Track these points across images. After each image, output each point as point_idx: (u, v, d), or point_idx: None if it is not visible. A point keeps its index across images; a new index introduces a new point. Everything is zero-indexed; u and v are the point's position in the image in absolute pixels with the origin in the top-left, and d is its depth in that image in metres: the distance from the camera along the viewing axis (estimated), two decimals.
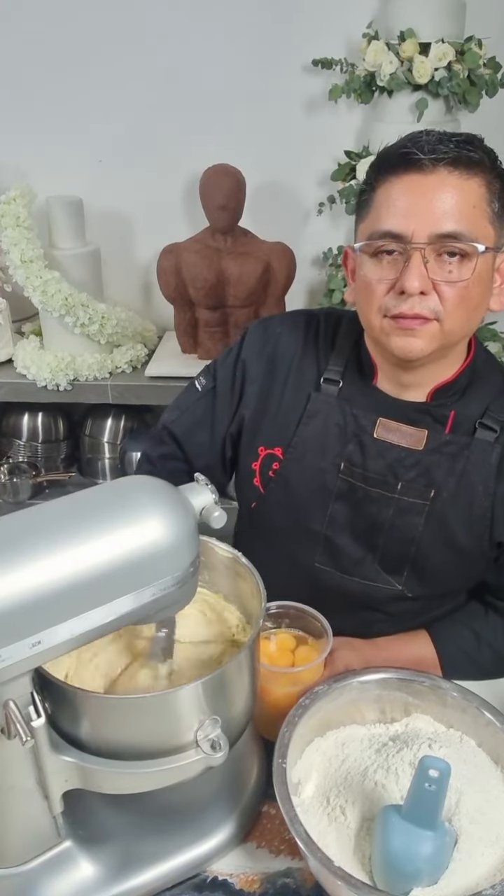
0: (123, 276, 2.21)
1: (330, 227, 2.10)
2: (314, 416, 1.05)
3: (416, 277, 0.87)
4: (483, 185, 0.88)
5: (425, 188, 0.87)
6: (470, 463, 1.00)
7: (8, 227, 1.86)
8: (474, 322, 0.95)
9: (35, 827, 0.72)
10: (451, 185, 0.86)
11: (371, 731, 0.85)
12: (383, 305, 0.92)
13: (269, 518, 1.11)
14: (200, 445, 1.16)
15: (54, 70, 2.01)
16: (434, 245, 0.87)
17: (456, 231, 0.86)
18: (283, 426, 1.07)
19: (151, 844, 0.77)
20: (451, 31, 1.73)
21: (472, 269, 0.88)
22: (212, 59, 1.97)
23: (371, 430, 1.02)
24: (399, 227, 0.87)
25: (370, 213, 0.93)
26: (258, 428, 1.10)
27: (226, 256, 1.87)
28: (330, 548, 1.07)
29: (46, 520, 0.61)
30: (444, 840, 0.69)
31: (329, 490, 1.05)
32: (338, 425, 1.04)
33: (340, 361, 1.06)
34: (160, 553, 0.63)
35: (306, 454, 1.05)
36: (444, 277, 0.88)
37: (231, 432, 1.14)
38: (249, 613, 0.84)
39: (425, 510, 1.01)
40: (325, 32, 1.90)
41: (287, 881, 0.77)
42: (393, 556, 1.04)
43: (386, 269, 0.91)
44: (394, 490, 1.01)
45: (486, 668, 1.04)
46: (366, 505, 1.03)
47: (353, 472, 1.03)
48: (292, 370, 1.08)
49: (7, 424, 2.25)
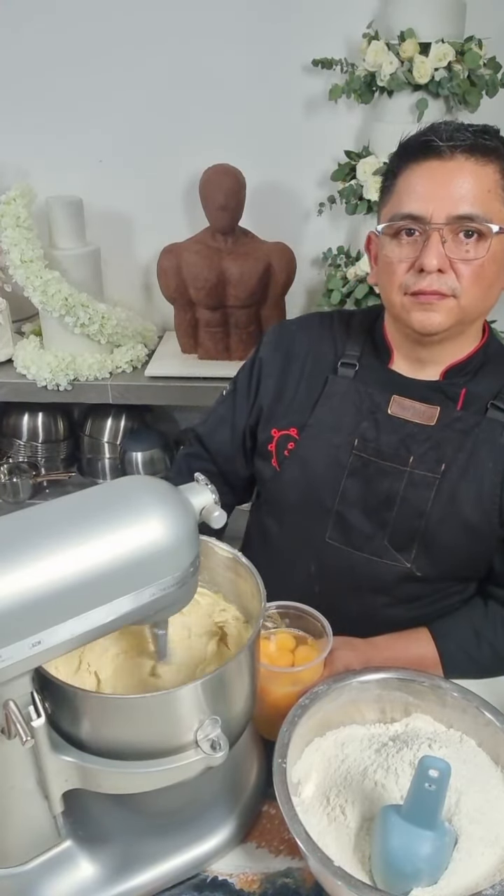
0: (123, 276, 2.21)
1: (330, 227, 2.10)
2: (331, 396, 1.10)
3: (435, 255, 0.93)
4: (498, 171, 0.94)
5: (444, 173, 0.94)
6: (480, 440, 1.04)
7: (8, 227, 1.86)
8: (490, 300, 1.00)
9: (35, 827, 0.72)
10: (468, 170, 0.93)
11: (371, 730, 0.85)
12: (404, 283, 0.98)
13: (283, 495, 1.15)
14: (222, 442, 1.23)
15: (55, 70, 2.01)
16: (451, 226, 0.93)
17: (472, 213, 0.93)
18: (300, 409, 1.12)
19: (151, 844, 0.77)
20: (451, 31, 1.73)
21: (487, 249, 0.94)
22: (212, 59, 1.97)
23: (385, 406, 1.07)
24: (419, 210, 0.94)
25: (392, 197, 0.99)
26: (274, 413, 1.15)
27: (226, 256, 1.87)
28: (341, 523, 1.09)
29: (46, 520, 0.61)
30: (444, 840, 0.69)
31: (342, 466, 1.08)
32: (353, 404, 1.09)
33: (356, 347, 1.13)
34: (160, 553, 0.63)
35: (322, 432, 1.10)
36: (461, 256, 0.94)
37: (250, 424, 1.20)
38: (249, 613, 0.84)
39: (436, 483, 1.04)
40: (325, 32, 1.90)
41: (287, 881, 0.77)
42: (402, 532, 1.06)
43: (406, 248, 0.97)
44: (406, 463, 1.05)
45: (486, 666, 1.04)
46: (378, 479, 1.06)
47: (366, 447, 1.07)
48: (309, 359, 1.14)
49: (7, 424, 2.25)
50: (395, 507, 1.06)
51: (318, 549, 1.11)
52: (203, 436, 1.26)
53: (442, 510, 1.04)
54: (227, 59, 1.97)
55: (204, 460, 1.26)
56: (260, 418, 1.17)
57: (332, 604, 0.96)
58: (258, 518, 1.23)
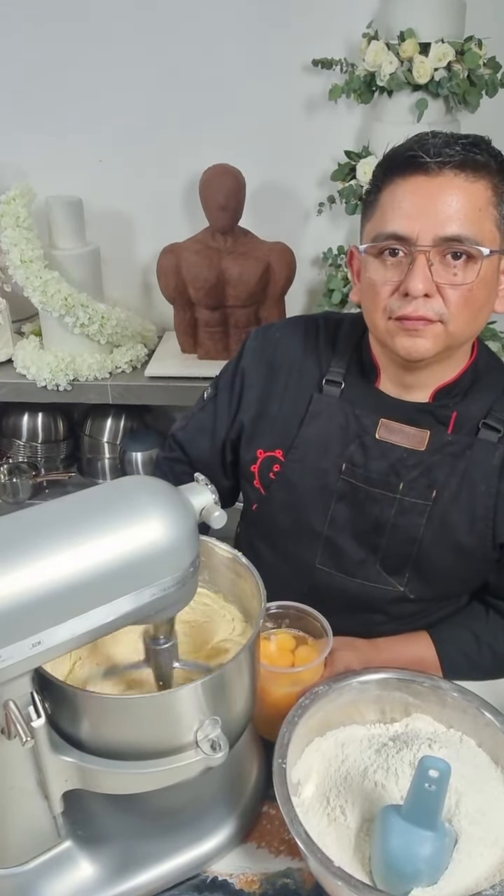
0: (123, 276, 2.21)
1: (330, 227, 2.10)
2: (316, 416, 1.05)
3: (421, 280, 0.87)
4: (489, 187, 0.88)
5: (431, 191, 0.87)
6: (472, 463, 1.00)
7: (8, 227, 1.86)
8: (479, 324, 0.95)
9: (35, 827, 0.72)
10: (457, 187, 0.86)
11: (371, 731, 0.85)
12: (388, 307, 0.92)
13: (271, 519, 1.11)
14: (202, 451, 1.19)
15: (54, 70, 2.00)
16: (439, 248, 0.87)
17: (461, 234, 0.86)
18: (284, 428, 1.08)
19: (151, 844, 0.77)
20: (451, 31, 1.73)
21: (477, 273, 0.88)
22: (212, 59, 1.97)
23: (373, 430, 1.02)
24: (404, 230, 0.88)
25: (376, 214, 0.93)
26: (257, 431, 1.10)
27: (226, 256, 1.87)
28: (331, 549, 1.07)
29: (46, 520, 0.61)
30: (444, 840, 0.69)
31: (330, 491, 1.05)
32: (340, 426, 1.04)
33: (342, 363, 1.06)
34: (160, 553, 0.63)
35: (308, 455, 1.05)
36: (449, 280, 0.88)
37: (231, 438, 1.16)
38: (249, 613, 0.84)
39: (427, 510, 1.01)
40: (325, 32, 1.90)
41: (287, 881, 0.77)
42: (395, 557, 1.04)
43: (391, 270, 0.91)
44: (396, 490, 1.01)
45: (486, 670, 1.04)
46: (367, 505, 1.03)
47: (354, 473, 1.03)
48: (293, 373, 1.09)
49: (7, 424, 2.25)
50: (385, 534, 1.03)
51: (310, 574, 1.09)
52: (183, 442, 1.22)
53: (434, 535, 1.02)
54: (227, 59, 1.97)
55: (185, 464, 1.22)
56: (242, 434, 1.13)
57: (328, 621, 0.94)
58: (248, 540, 1.19)
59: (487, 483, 1.00)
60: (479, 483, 1.00)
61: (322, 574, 1.08)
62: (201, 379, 1.92)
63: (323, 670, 0.92)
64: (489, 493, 1.00)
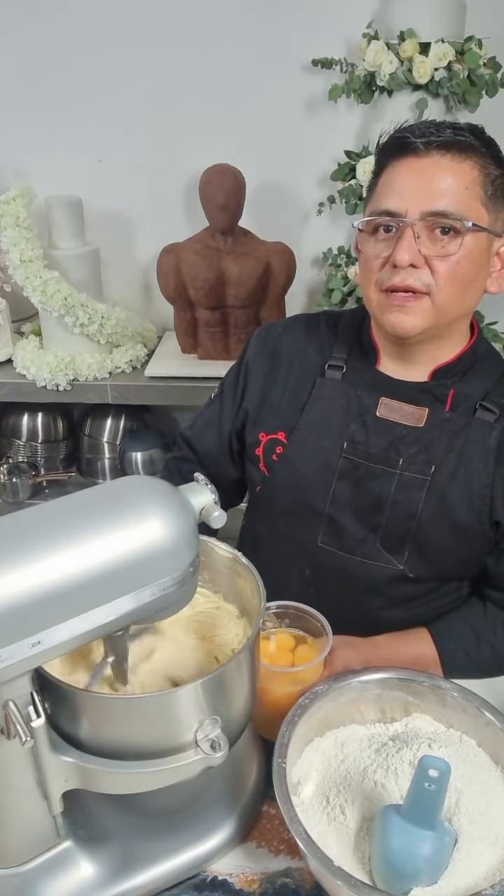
0: (123, 276, 2.21)
1: (330, 227, 2.10)
2: (319, 399, 1.10)
3: (406, 250, 0.93)
4: (476, 167, 0.94)
5: (420, 170, 0.94)
6: (469, 441, 1.03)
7: (8, 226, 1.86)
8: (468, 301, 0.99)
9: (35, 827, 0.72)
10: (444, 167, 0.93)
11: (371, 730, 0.85)
12: (379, 279, 0.98)
13: (274, 500, 1.14)
14: (210, 445, 1.23)
15: (55, 70, 2.00)
16: (425, 222, 0.93)
17: (446, 209, 0.93)
18: (287, 412, 1.12)
19: (151, 844, 0.77)
20: (451, 31, 1.73)
21: (460, 245, 0.93)
22: (212, 58, 1.97)
23: (374, 409, 1.06)
24: (395, 206, 0.95)
25: (373, 195, 1.00)
26: (260, 416, 1.15)
27: (226, 256, 1.87)
28: (332, 527, 1.09)
29: (46, 520, 0.61)
30: (444, 840, 0.69)
31: (332, 469, 1.08)
32: (342, 406, 1.08)
33: (344, 349, 1.12)
34: (160, 553, 0.63)
35: (310, 436, 1.09)
36: (436, 252, 0.94)
37: (236, 427, 1.20)
38: (249, 613, 0.84)
39: (426, 485, 1.04)
40: (325, 32, 1.90)
41: (286, 881, 0.77)
42: (394, 534, 1.06)
43: (382, 245, 0.97)
44: (396, 465, 1.05)
45: (485, 666, 1.04)
46: (368, 482, 1.06)
47: (356, 451, 1.06)
48: (295, 361, 1.14)
49: (7, 424, 2.25)
50: (386, 510, 1.06)
51: (311, 553, 1.11)
52: (191, 438, 1.26)
53: (433, 512, 1.04)
54: (227, 59, 1.97)
55: (192, 463, 1.26)
56: (246, 421, 1.17)
57: (329, 606, 0.96)
58: (251, 524, 1.23)
59: (485, 462, 1.03)
60: (476, 461, 1.03)
61: (324, 553, 1.10)
62: (201, 379, 1.93)
63: (323, 670, 0.92)
64: (486, 472, 1.03)
